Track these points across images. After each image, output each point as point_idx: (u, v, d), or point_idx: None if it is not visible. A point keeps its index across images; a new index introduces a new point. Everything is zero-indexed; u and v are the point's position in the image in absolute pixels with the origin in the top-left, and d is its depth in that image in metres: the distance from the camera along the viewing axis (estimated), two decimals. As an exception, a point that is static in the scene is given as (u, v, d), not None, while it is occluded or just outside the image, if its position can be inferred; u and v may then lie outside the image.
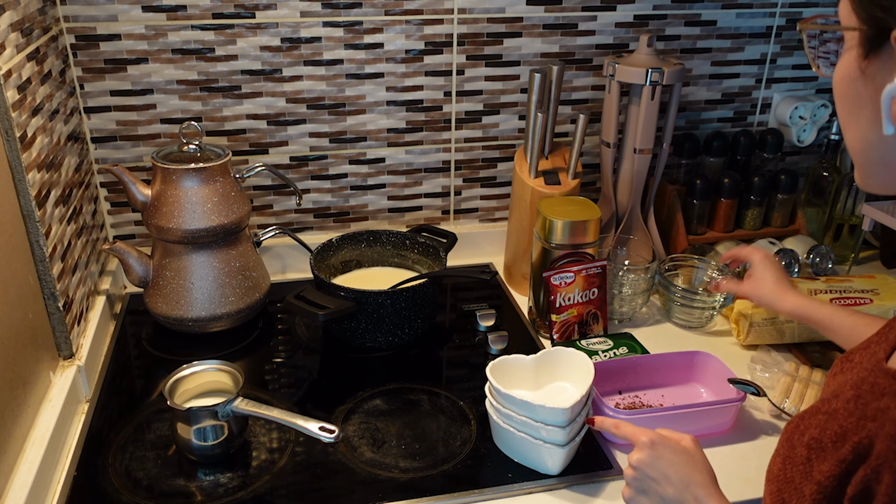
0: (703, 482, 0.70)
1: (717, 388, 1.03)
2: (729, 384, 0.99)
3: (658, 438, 0.74)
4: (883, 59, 0.51)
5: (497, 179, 1.43)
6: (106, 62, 1.19)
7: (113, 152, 1.26)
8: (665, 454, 0.73)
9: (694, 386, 1.07)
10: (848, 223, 1.39)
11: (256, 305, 1.20)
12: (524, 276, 1.31)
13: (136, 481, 0.89)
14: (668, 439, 0.74)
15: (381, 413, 1.01)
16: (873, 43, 0.52)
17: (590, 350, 1.10)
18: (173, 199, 1.10)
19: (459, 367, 1.14)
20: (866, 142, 0.55)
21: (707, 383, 1.05)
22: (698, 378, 1.06)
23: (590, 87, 1.38)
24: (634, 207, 1.32)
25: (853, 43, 0.54)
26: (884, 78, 0.52)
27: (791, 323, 1.14)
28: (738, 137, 1.40)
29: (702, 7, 1.35)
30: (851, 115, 0.56)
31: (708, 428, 0.97)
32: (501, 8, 1.28)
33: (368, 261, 1.29)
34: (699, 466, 0.72)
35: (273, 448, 0.95)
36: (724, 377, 1.01)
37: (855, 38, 0.53)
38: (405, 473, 0.91)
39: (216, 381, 0.97)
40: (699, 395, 1.05)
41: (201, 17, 1.19)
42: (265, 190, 1.34)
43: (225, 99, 1.25)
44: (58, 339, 1.00)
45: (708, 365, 1.05)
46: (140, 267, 1.15)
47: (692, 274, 1.27)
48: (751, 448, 0.96)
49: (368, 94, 1.30)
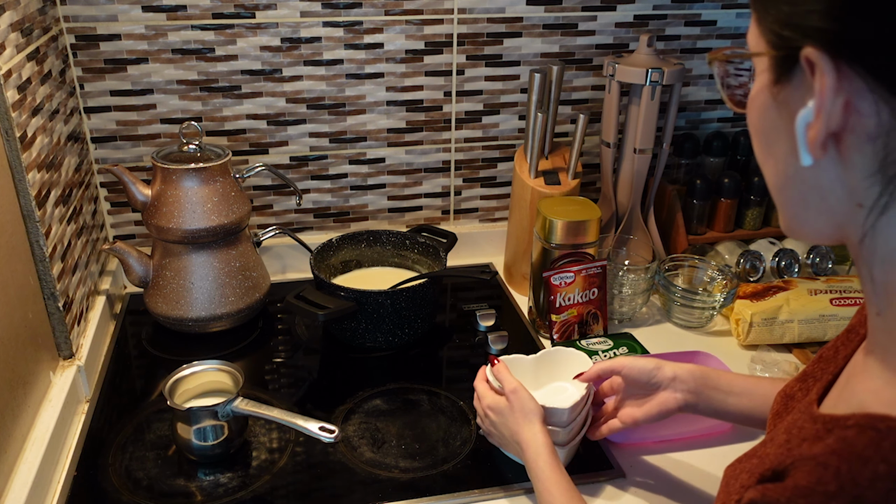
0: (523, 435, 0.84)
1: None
2: None
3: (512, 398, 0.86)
4: (795, 84, 0.45)
5: (497, 179, 1.43)
6: (106, 62, 1.19)
7: (113, 152, 1.26)
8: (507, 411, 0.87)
9: None
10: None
11: (256, 305, 1.20)
12: (524, 276, 1.31)
13: (136, 481, 0.89)
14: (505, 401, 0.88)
15: (381, 413, 1.01)
16: (783, 66, 0.46)
17: (590, 350, 1.10)
18: (173, 199, 1.10)
19: (459, 367, 1.14)
20: (784, 177, 0.49)
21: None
22: None
23: (590, 87, 1.38)
24: (634, 207, 1.32)
25: (763, 68, 0.48)
26: (797, 103, 0.45)
27: (791, 323, 1.14)
28: (738, 137, 1.40)
29: (702, 7, 1.35)
30: (769, 150, 0.50)
31: (708, 428, 0.97)
32: (501, 8, 1.28)
33: (368, 261, 1.29)
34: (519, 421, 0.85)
35: (273, 448, 0.95)
36: None
37: (764, 63, 0.48)
38: (405, 473, 0.91)
39: (216, 381, 0.97)
40: None
41: (201, 17, 1.19)
42: (265, 190, 1.34)
43: (225, 99, 1.25)
44: (58, 339, 1.00)
45: (708, 365, 1.05)
46: (140, 267, 1.15)
47: (692, 274, 1.27)
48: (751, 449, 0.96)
49: (368, 94, 1.30)
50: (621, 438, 0.95)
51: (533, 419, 0.83)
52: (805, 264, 1.33)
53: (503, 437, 0.88)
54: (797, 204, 0.49)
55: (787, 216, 0.51)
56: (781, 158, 0.49)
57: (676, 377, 0.84)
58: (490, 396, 0.89)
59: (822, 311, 1.14)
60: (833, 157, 0.45)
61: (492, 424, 0.89)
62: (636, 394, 0.89)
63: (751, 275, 1.30)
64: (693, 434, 0.96)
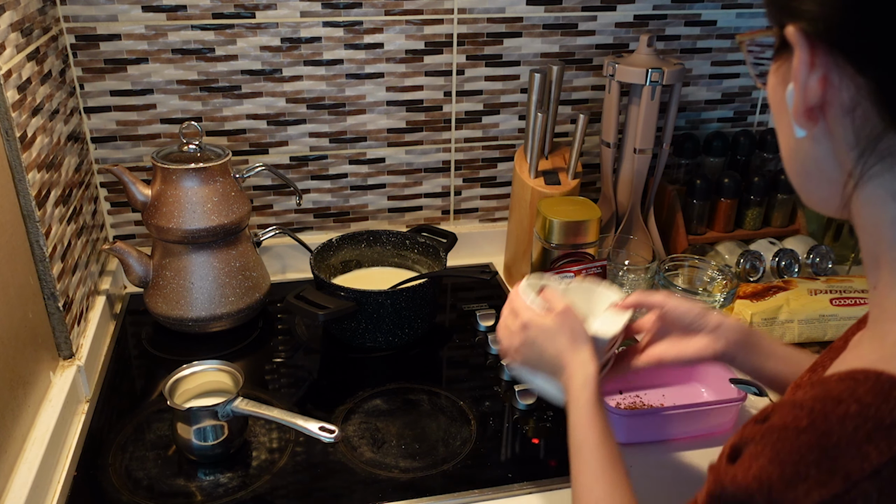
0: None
1: (718, 387, 1.03)
2: (730, 384, 0.99)
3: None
4: (790, 61, 0.48)
5: (497, 179, 1.43)
6: (106, 62, 1.19)
7: (113, 152, 1.26)
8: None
9: (695, 385, 1.07)
10: (848, 223, 1.39)
11: (256, 305, 1.20)
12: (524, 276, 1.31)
13: (136, 481, 0.89)
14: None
15: (381, 413, 1.01)
16: (781, 45, 0.50)
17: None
18: (173, 199, 1.10)
19: (459, 367, 1.14)
20: (788, 149, 0.53)
21: (708, 383, 1.05)
22: (699, 378, 1.06)
23: (590, 87, 1.38)
24: (634, 207, 1.32)
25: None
26: (790, 79, 0.49)
27: (791, 323, 1.14)
28: (738, 137, 1.40)
29: (702, 7, 1.35)
30: (778, 125, 0.54)
31: (709, 428, 0.97)
32: (501, 8, 1.28)
33: (368, 261, 1.29)
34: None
35: (273, 448, 0.95)
36: (726, 377, 1.00)
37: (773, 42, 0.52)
38: (405, 473, 0.91)
39: (216, 381, 0.97)
40: (700, 394, 1.05)
41: (201, 17, 1.19)
42: (265, 190, 1.34)
43: (225, 99, 1.25)
44: (58, 339, 1.00)
45: (713, 368, 1.05)
46: (140, 267, 1.15)
47: (692, 274, 1.27)
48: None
49: (368, 94, 1.30)
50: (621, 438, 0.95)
51: (582, 345, 0.76)
52: (805, 264, 1.33)
53: (541, 357, 0.78)
54: (801, 175, 0.53)
55: (795, 187, 0.54)
56: (785, 132, 0.52)
57: (722, 325, 0.81)
58: (530, 311, 0.80)
59: (822, 311, 1.14)
60: (822, 129, 0.49)
61: (527, 342, 0.79)
62: (669, 335, 0.84)
63: (751, 275, 1.30)
64: (695, 434, 0.96)
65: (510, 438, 0.98)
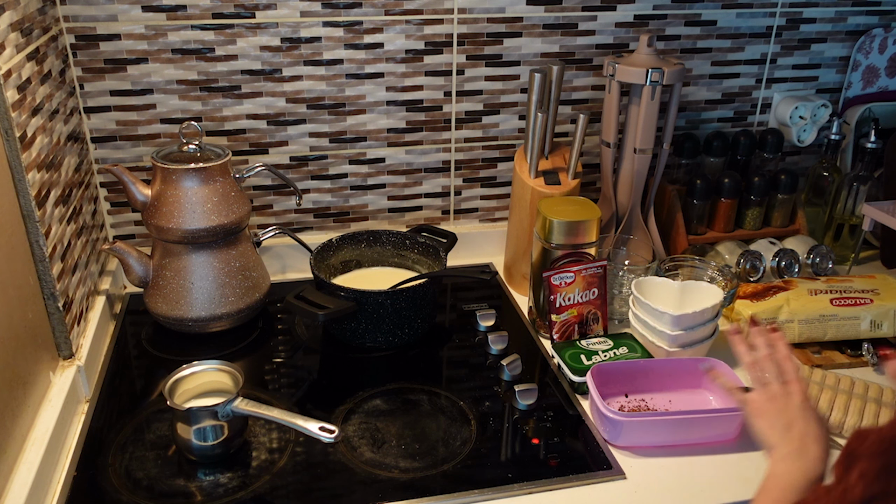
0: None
1: (725, 395, 1.02)
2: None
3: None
4: None
5: (497, 179, 1.43)
6: (106, 62, 1.19)
7: (113, 152, 1.26)
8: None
9: (702, 392, 1.06)
10: (848, 223, 1.39)
11: (256, 305, 1.20)
12: (524, 276, 1.31)
13: (136, 481, 0.89)
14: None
15: (381, 413, 1.01)
16: None
17: (590, 350, 1.10)
18: (173, 199, 1.10)
19: (459, 367, 1.14)
20: None
21: (715, 390, 1.04)
22: (707, 385, 1.05)
23: (590, 87, 1.38)
24: (634, 207, 1.32)
25: None
26: None
27: (791, 323, 1.14)
28: (738, 137, 1.40)
29: (702, 7, 1.35)
30: None
31: (715, 436, 0.96)
32: (501, 8, 1.28)
33: (368, 261, 1.29)
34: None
35: (273, 448, 0.95)
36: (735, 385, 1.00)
37: None
38: (405, 473, 0.91)
39: (216, 381, 0.97)
40: (707, 401, 1.04)
41: (201, 17, 1.19)
42: (265, 190, 1.34)
43: (225, 99, 1.25)
44: (57, 339, 1.00)
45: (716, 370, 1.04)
46: (140, 267, 1.15)
47: (692, 274, 1.27)
48: (759, 457, 0.94)
49: (368, 94, 1.30)
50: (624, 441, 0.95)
51: (823, 439, 0.76)
52: (805, 264, 1.33)
53: (790, 420, 0.78)
54: None
55: None
56: None
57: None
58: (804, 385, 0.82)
59: (822, 311, 1.14)
60: None
61: (791, 405, 0.80)
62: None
63: (751, 275, 1.30)
64: (698, 441, 0.96)
65: (510, 438, 0.98)
